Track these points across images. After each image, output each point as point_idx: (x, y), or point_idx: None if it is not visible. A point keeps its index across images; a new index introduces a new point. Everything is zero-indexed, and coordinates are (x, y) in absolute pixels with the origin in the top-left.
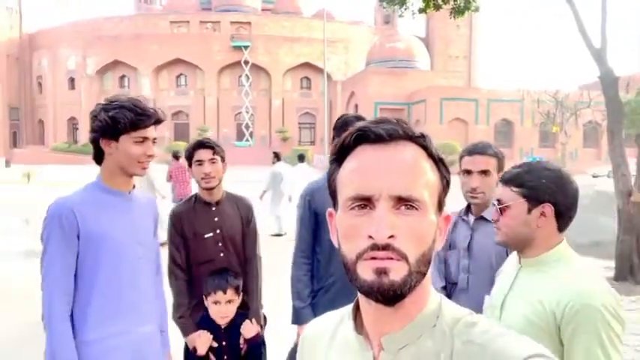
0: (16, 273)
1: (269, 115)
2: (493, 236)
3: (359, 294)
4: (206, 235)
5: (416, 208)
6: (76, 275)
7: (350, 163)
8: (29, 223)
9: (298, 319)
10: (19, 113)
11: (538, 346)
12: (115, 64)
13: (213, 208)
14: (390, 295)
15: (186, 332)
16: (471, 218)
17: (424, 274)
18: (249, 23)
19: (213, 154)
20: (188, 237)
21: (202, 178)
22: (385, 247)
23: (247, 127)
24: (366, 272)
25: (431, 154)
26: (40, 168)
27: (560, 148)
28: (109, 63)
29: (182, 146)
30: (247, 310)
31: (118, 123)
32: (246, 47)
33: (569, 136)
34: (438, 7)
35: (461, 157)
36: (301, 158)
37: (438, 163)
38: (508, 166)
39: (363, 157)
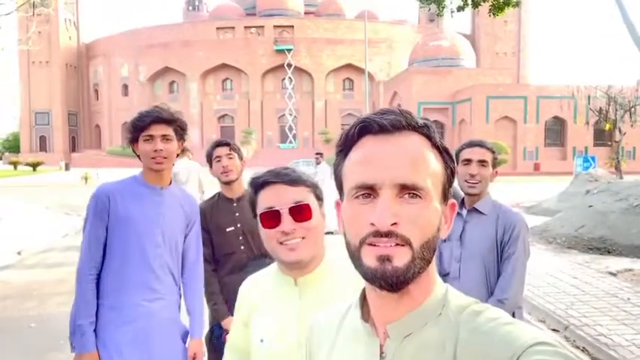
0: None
1: (312, 117)
2: (484, 226)
3: (365, 282)
4: (227, 229)
5: (420, 197)
6: (105, 247)
7: (354, 154)
8: None
9: None
10: (77, 119)
11: (543, 334)
12: (165, 70)
13: (234, 204)
14: (394, 282)
15: (222, 317)
16: (464, 211)
17: (429, 262)
18: (291, 27)
19: (230, 151)
20: (212, 231)
21: (222, 172)
22: (388, 234)
23: (290, 129)
24: (369, 259)
25: (435, 144)
26: (97, 171)
27: (615, 146)
28: (159, 70)
29: None
30: None
31: (130, 127)
32: (289, 50)
33: (623, 133)
34: (476, 5)
35: (459, 152)
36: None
37: (443, 152)
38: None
39: (366, 147)
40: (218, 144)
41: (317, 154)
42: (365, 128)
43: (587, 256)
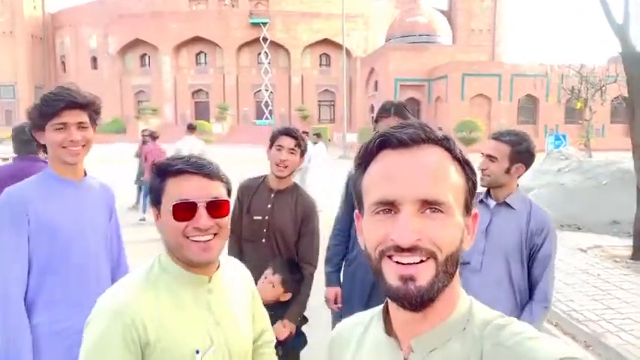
0: None
1: (288, 93)
2: (514, 222)
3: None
4: (255, 217)
5: (441, 211)
6: (30, 260)
7: (374, 168)
8: None
9: (327, 281)
10: (44, 92)
11: (570, 348)
12: (135, 42)
13: (272, 195)
14: (417, 302)
15: None
16: (491, 202)
17: (452, 275)
18: None
19: (295, 146)
20: (243, 211)
21: (277, 164)
22: (411, 249)
23: (267, 105)
24: (391, 277)
25: (456, 157)
26: None
27: (585, 124)
28: (130, 42)
29: (207, 125)
30: (284, 310)
31: (36, 112)
32: (264, 24)
33: (593, 112)
34: None
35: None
36: (317, 137)
37: (464, 165)
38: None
39: (386, 161)
40: (286, 132)
41: (304, 132)
42: (384, 142)
43: (559, 232)
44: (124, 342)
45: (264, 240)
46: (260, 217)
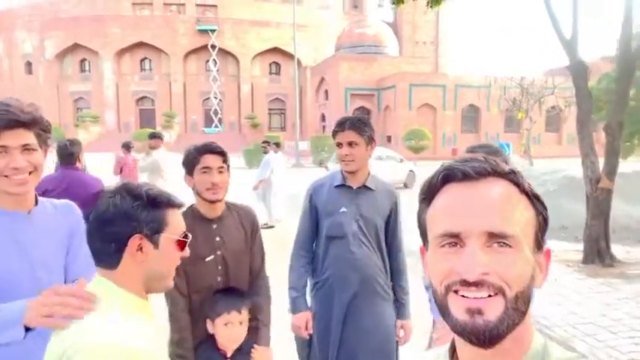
0: None
1: (238, 101)
2: None
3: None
4: (207, 259)
5: (509, 245)
6: None
7: (438, 202)
8: None
9: (293, 308)
10: None
11: None
12: (74, 47)
13: (214, 226)
14: (486, 337)
15: None
16: None
17: (524, 314)
18: (215, 6)
19: (223, 163)
20: (186, 260)
21: (208, 189)
22: (477, 284)
23: (216, 113)
24: (458, 310)
25: (524, 190)
26: None
27: (525, 133)
28: (68, 46)
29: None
30: (252, 334)
31: None
32: (212, 31)
33: (534, 122)
34: None
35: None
36: (277, 146)
37: (533, 199)
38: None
39: (451, 195)
40: (209, 150)
41: (275, 143)
42: (448, 176)
43: None
44: None
45: (219, 279)
46: (212, 257)
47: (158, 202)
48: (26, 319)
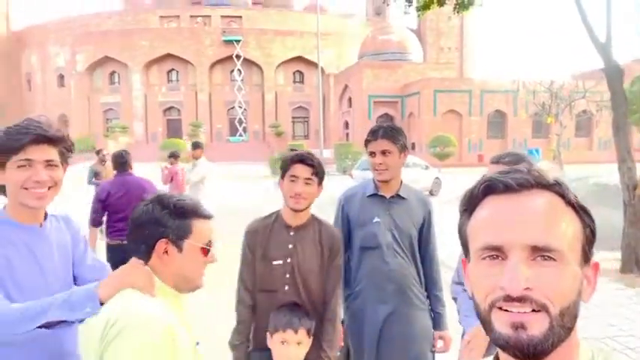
0: None
1: (262, 110)
2: None
3: (498, 349)
4: (275, 262)
5: (554, 259)
6: None
7: (479, 214)
8: None
9: None
10: (7, 111)
11: None
12: (104, 60)
13: (292, 233)
14: (530, 352)
15: None
16: None
17: (570, 330)
18: (240, 17)
19: (312, 175)
20: (257, 257)
21: (291, 197)
22: (521, 299)
23: (240, 122)
24: (501, 325)
25: (570, 202)
26: None
27: (555, 138)
28: (98, 59)
29: (181, 144)
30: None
31: None
32: (237, 42)
33: (564, 126)
34: (441, 3)
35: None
36: None
37: (579, 210)
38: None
39: (492, 207)
40: (300, 159)
41: (291, 150)
42: (489, 188)
43: None
44: (165, 346)
45: (286, 287)
46: (280, 262)
47: (184, 212)
48: (102, 295)
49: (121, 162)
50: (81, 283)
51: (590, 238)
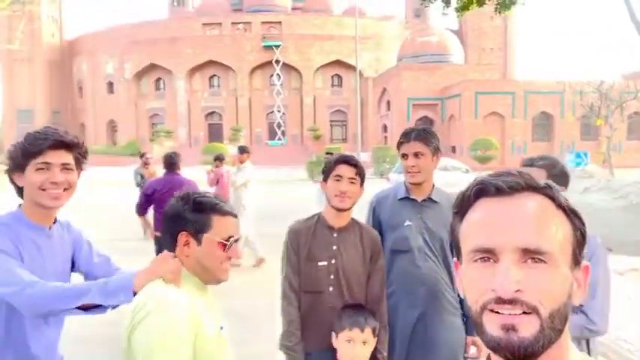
0: None
1: (300, 114)
2: None
3: (489, 351)
4: (320, 263)
5: (544, 262)
6: None
7: (471, 216)
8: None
9: None
10: (61, 117)
11: None
12: (151, 67)
13: (335, 235)
14: (520, 354)
15: None
16: None
17: (560, 332)
18: (279, 23)
19: (355, 174)
20: (301, 259)
21: (336, 196)
22: (512, 301)
23: (279, 126)
24: (492, 327)
25: (560, 205)
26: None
27: (605, 141)
28: (145, 67)
29: (222, 148)
30: None
31: (18, 151)
32: (277, 47)
33: (614, 129)
34: (481, 4)
35: None
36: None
37: (569, 213)
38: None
39: (484, 209)
40: (344, 160)
41: (328, 154)
42: (481, 190)
43: None
44: (186, 329)
45: (331, 288)
46: (325, 263)
47: (203, 207)
48: (136, 286)
49: (170, 162)
50: (90, 279)
51: (580, 240)
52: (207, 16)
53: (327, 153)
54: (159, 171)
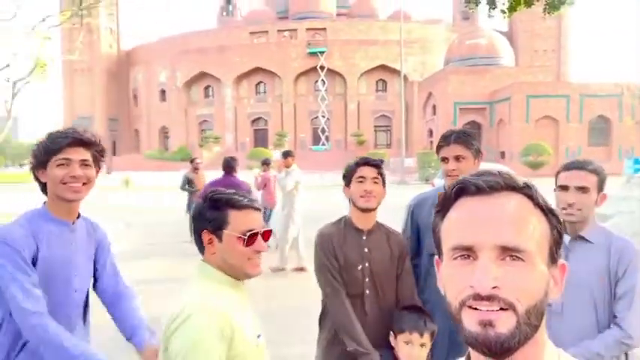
0: None
1: (345, 119)
2: (593, 258)
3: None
4: (357, 267)
5: (522, 259)
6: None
7: (452, 215)
8: (130, 228)
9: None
10: (117, 124)
11: None
12: (200, 75)
13: (364, 237)
14: (497, 349)
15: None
16: (566, 238)
17: (536, 328)
18: (324, 29)
19: (377, 174)
20: (341, 265)
21: (362, 196)
22: (489, 298)
23: (323, 131)
24: (470, 323)
25: (538, 204)
26: (136, 174)
27: None
28: (195, 75)
29: (267, 153)
30: None
31: (40, 149)
32: (322, 53)
33: None
34: (529, 4)
35: (557, 173)
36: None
37: (547, 213)
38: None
39: (464, 208)
40: (365, 162)
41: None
42: (462, 190)
43: None
44: (219, 336)
45: (367, 291)
46: (360, 266)
47: (219, 204)
48: None
49: (228, 166)
50: (100, 287)
51: (557, 239)
52: (254, 24)
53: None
54: (208, 176)
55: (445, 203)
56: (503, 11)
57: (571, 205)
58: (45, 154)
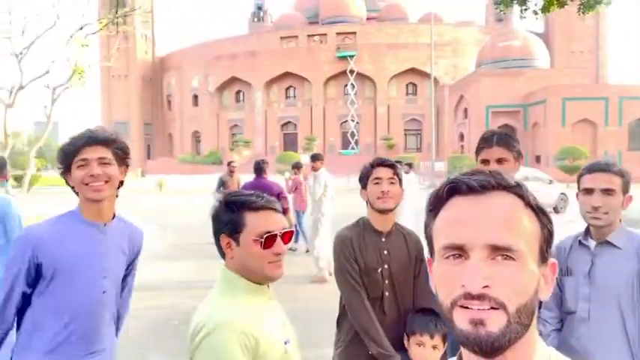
0: (148, 273)
1: (374, 123)
2: (620, 263)
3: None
4: (377, 269)
5: (513, 258)
6: (31, 299)
7: (443, 214)
8: (164, 229)
9: None
10: (151, 128)
11: None
12: (231, 80)
13: (383, 239)
14: (488, 347)
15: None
16: (592, 242)
17: (527, 327)
18: (354, 33)
19: (393, 175)
20: (361, 267)
21: (379, 198)
22: (480, 297)
23: (353, 135)
24: (462, 322)
25: (529, 204)
26: (170, 177)
27: None
28: (226, 80)
29: (296, 157)
30: None
31: (61, 153)
32: (351, 57)
33: None
34: (562, 4)
35: (580, 176)
36: (409, 167)
37: (538, 212)
38: None
39: (455, 207)
40: (380, 163)
41: (397, 162)
42: (453, 189)
43: None
44: (242, 349)
45: (387, 293)
46: (380, 269)
47: (234, 207)
48: None
49: (258, 168)
50: (123, 286)
51: (547, 238)
52: (284, 29)
53: (407, 164)
54: (242, 179)
55: (437, 202)
56: (535, 12)
57: (597, 208)
58: (66, 158)
